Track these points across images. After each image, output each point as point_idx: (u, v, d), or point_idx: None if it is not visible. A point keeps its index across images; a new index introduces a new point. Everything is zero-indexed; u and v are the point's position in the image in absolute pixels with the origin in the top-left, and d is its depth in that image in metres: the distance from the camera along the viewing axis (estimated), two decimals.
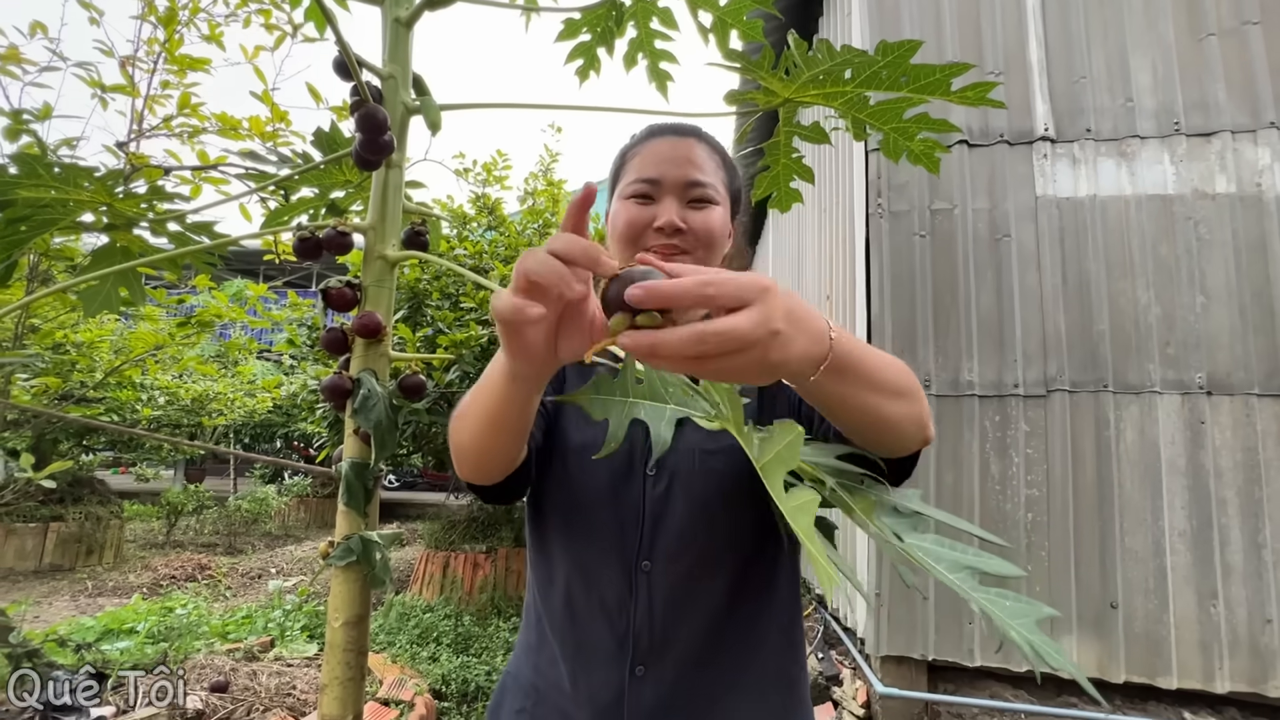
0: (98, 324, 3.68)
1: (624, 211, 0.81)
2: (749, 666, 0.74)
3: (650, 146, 0.83)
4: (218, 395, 6.27)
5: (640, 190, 0.80)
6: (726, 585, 0.74)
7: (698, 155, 0.82)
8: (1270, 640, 2.23)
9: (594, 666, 0.73)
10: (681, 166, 0.80)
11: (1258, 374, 2.36)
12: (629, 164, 0.84)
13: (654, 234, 0.79)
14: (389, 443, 0.97)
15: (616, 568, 0.74)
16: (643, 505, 0.75)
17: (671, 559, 0.73)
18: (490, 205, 4.70)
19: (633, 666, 0.72)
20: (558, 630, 0.77)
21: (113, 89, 1.92)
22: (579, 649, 0.75)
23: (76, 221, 1.22)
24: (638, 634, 0.72)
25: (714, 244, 0.81)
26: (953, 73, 1.07)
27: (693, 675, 0.72)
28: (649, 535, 0.74)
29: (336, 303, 1.08)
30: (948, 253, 2.65)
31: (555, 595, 0.78)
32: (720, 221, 0.82)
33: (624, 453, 0.77)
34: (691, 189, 0.80)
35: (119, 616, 3.07)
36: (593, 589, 0.75)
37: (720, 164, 0.85)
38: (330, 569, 0.95)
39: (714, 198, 0.81)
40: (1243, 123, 2.50)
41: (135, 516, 8.28)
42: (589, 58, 1.37)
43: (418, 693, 2.45)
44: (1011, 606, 0.46)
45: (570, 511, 0.78)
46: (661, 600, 0.73)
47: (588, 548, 0.76)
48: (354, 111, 1.05)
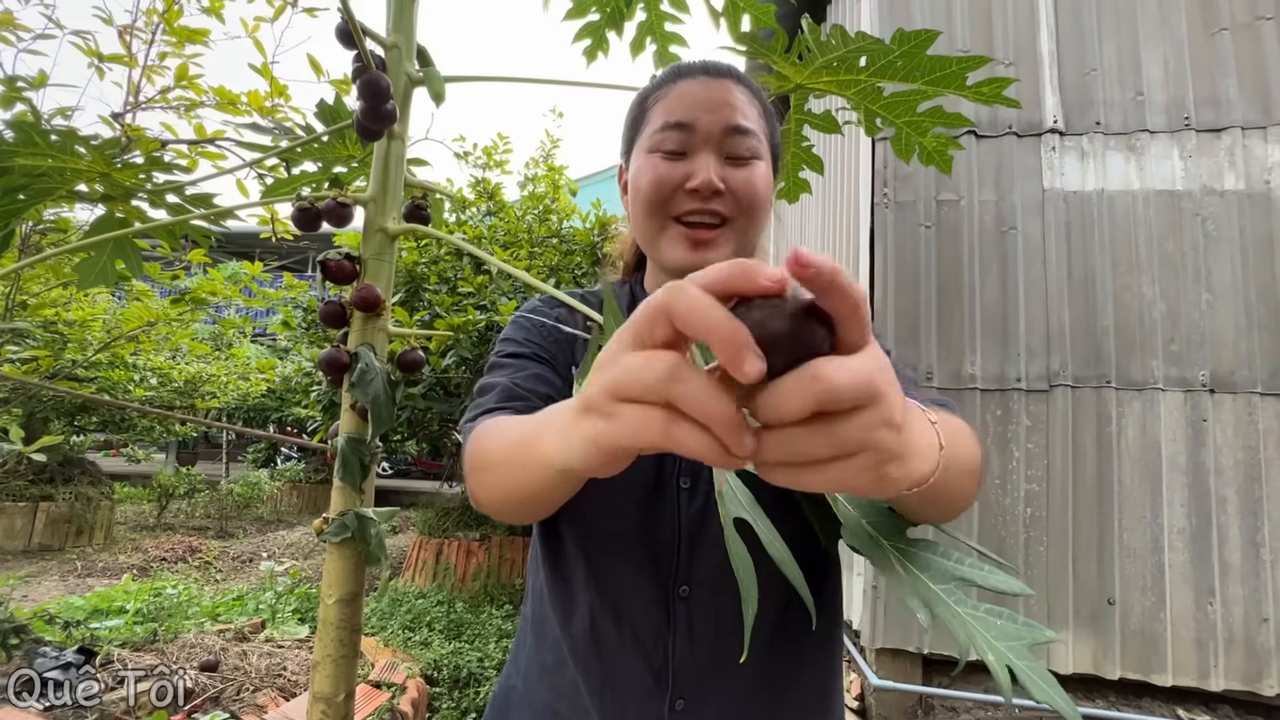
0: (90, 302, 3.63)
1: (649, 168, 0.66)
2: (793, 691, 0.67)
3: (679, 88, 0.68)
4: (211, 377, 6.22)
5: (669, 140, 0.65)
6: (775, 608, 0.65)
7: (737, 98, 0.67)
8: (1266, 639, 2.23)
9: (627, 702, 0.64)
10: (719, 110, 0.65)
11: (1261, 373, 2.35)
12: (652, 110, 0.69)
13: (687, 196, 0.65)
14: (386, 417, 0.95)
15: (651, 594, 0.65)
16: (678, 523, 0.65)
17: (713, 584, 0.64)
18: (490, 190, 4.65)
19: (672, 701, 0.64)
20: (581, 658, 0.67)
21: (110, 58, 1.87)
22: (608, 682, 0.65)
23: (73, 191, 1.19)
24: (678, 667, 0.64)
25: (757, 211, 0.67)
26: (969, 66, 1.05)
27: (736, 707, 0.65)
28: (686, 557, 0.65)
29: (335, 275, 1.05)
30: (953, 244, 2.63)
31: (577, 623, 0.67)
32: (765, 182, 0.67)
33: (652, 462, 0.66)
34: (732, 137, 0.65)
35: (108, 596, 3.04)
36: (624, 619, 0.65)
37: (762, 111, 0.70)
38: (324, 550, 0.93)
39: (759, 150, 0.67)
40: (1253, 119, 2.48)
41: (126, 498, 8.24)
42: (597, 38, 1.33)
43: (409, 676, 2.44)
44: (1003, 626, 0.42)
45: (593, 529, 0.67)
46: (704, 629, 0.64)
47: (616, 572, 0.66)
48: (356, 78, 1.01)
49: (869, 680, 2.46)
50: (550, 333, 0.74)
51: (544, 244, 4.41)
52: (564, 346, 0.73)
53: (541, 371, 0.69)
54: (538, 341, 0.72)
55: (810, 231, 4.28)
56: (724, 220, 0.66)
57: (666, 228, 0.67)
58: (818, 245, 4.00)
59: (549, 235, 4.48)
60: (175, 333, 3.59)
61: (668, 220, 0.67)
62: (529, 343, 0.72)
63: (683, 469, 0.66)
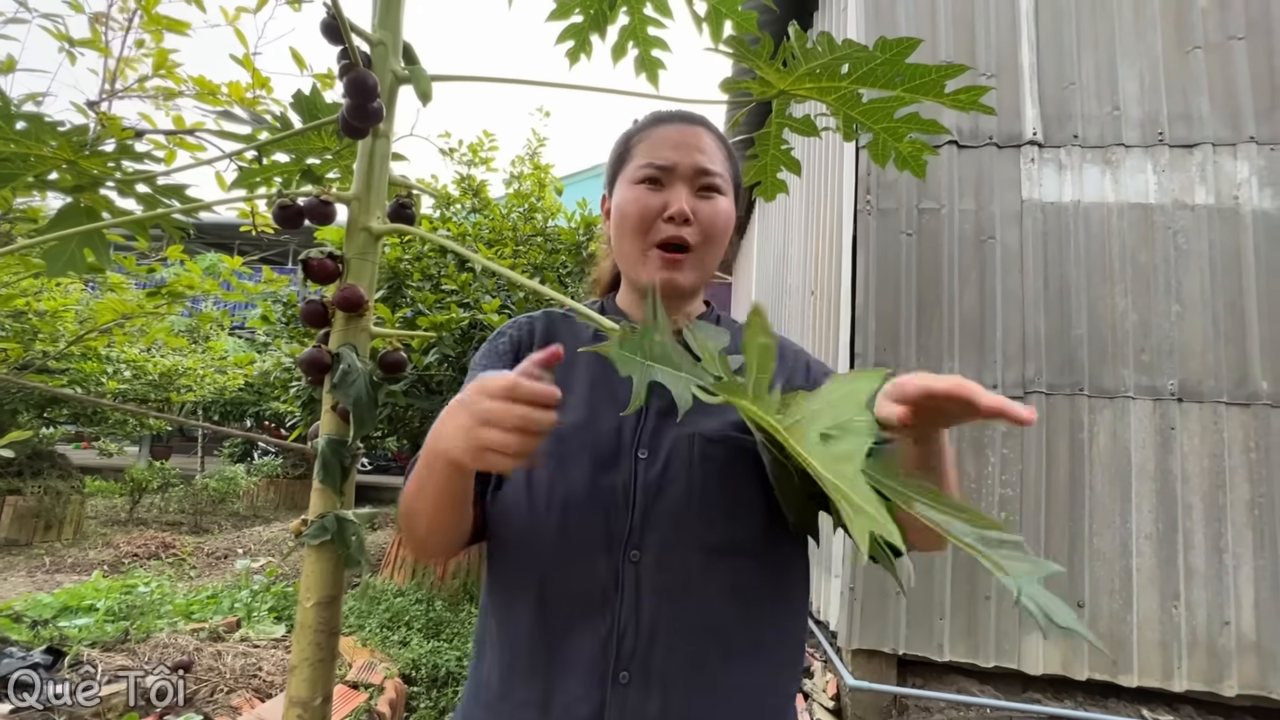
0: (62, 293, 3.55)
1: (634, 197, 0.80)
2: (746, 676, 0.69)
3: (659, 132, 0.83)
4: (187, 371, 6.10)
5: (651, 175, 0.80)
6: (728, 584, 0.68)
7: (706, 143, 0.82)
8: (1227, 641, 2.29)
9: (571, 676, 0.66)
10: (692, 154, 0.80)
11: (1227, 383, 2.41)
12: (635, 149, 0.83)
13: (664, 223, 0.78)
14: (368, 420, 0.94)
15: (600, 558, 0.68)
16: (634, 489, 0.70)
17: (664, 549, 0.68)
18: (475, 187, 4.62)
19: (616, 673, 0.65)
20: (525, 645, 0.69)
21: (81, 43, 1.83)
22: (553, 659, 0.67)
23: (39, 178, 1.16)
24: (622, 633, 0.66)
25: (718, 237, 0.81)
26: (948, 74, 1.07)
27: (683, 684, 0.66)
28: (640, 522, 0.69)
29: (317, 274, 1.04)
30: (933, 252, 2.67)
31: (524, 604, 0.70)
32: (726, 214, 0.82)
33: (611, 433, 0.73)
34: (701, 177, 0.80)
35: (78, 593, 2.98)
36: (571, 583, 0.68)
37: (726, 155, 0.86)
38: (302, 549, 0.92)
39: (722, 187, 0.82)
40: (1224, 136, 2.54)
41: (97, 493, 8.07)
42: (580, 40, 1.33)
43: (388, 676, 2.42)
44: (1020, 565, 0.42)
45: (546, 497, 0.71)
46: (651, 594, 0.67)
47: (567, 537, 0.69)
48: (343, 76, 1.00)
49: (845, 681, 2.49)
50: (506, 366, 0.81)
51: (529, 242, 4.39)
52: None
53: None
54: None
55: (794, 237, 4.32)
56: (690, 248, 0.79)
57: (647, 251, 0.80)
58: (801, 250, 4.04)
59: (534, 234, 4.47)
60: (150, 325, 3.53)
61: (649, 245, 0.80)
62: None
63: (641, 441, 0.73)
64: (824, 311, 3.26)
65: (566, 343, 0.82)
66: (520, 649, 0.69)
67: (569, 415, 0.74)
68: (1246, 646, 2.28)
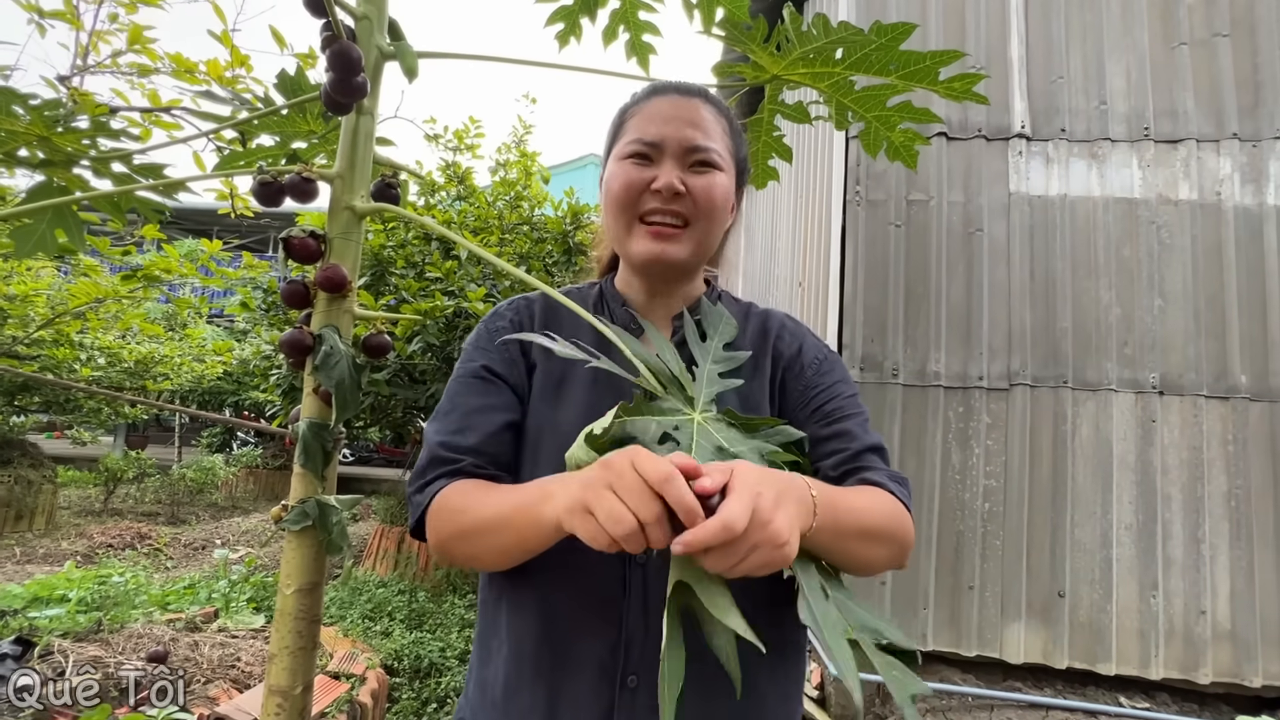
0: (33, 276, 3.45)
1: (621, 173, 0.76)
2: (754, 679, 0.66)
3: (652, 105, 0.78)
4: (164, 358, 5.98)
5: (639, 150, 0.75)
6: (735, 586, 0.67)
7: (702, 117, 0.76)
8: (1203, 630, 2.33)
9: (579, 680, 0.65)
10: (684, 128, 0.75)
11: (1207, 376, 2.45)
12: (628, 123, 0.79)
13: (651, 196, 0.74)
14: (350, 403, 0.91)
15: (608, 561, 0.66)
16: None
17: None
18: (460, 174, 4.56)
19: (624, 676, 0.64)
20: (532, 647, 0.67)
21: (52, 15, 1.76)
22: (561, 662, 0.66)
23: (9, 154, 1.11)
24: (630, 637, 0.64)
25: (715, 213, 0.76)
26: (942, 60, 1.06)
27: (692, 686, 0.64)
28: None
29: (298, 254, 1.00)
30: (921, 244, 2.67)
31: (532, 606, 0.68)
32: (723, 189, 0.76)
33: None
34: (693, 153, 0.75)
35: (49, 584, 2.90)
36: (579, 586, 0.66)
37: (726, 129, 0.80)
38: (282, 537, 0.90)
39: (717, 163, 0.76)
40: (1208, 132, 2.57)
41: (70, 482, 7.91)
42: (570, 22, 1.30)
43: (369, 667, 2.39)
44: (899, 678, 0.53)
45: None
46: (659, 597, 0.64)
47: (574, 540, 0.68)
48: (326, 49, 0.97)
49: (829, 670, 2.50)
50: (506, 353, 0.80)
51: (515, 231, 4.34)
52: (517, 366, 0.80)
53: (500, 402, 0.77)
54: (500, 372, 0.79)
55: (782, 227, 4.31)
56: (686, 222, 0.75)
57: (634, 225, 0.77)
58: (787, 241, 4.03)
59: (520, 222, 4.42)
60: (126, 311, 3.44)
61: (635, 219, 0.76)
62: (491, 374, 0.79)
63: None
64: (811, 303, 3.26)
65: (565, 327, 0.81)
66: (527, 651, 0.68)
67: (571, 412, 0.73)
68: (1222, 635, 2.33)
